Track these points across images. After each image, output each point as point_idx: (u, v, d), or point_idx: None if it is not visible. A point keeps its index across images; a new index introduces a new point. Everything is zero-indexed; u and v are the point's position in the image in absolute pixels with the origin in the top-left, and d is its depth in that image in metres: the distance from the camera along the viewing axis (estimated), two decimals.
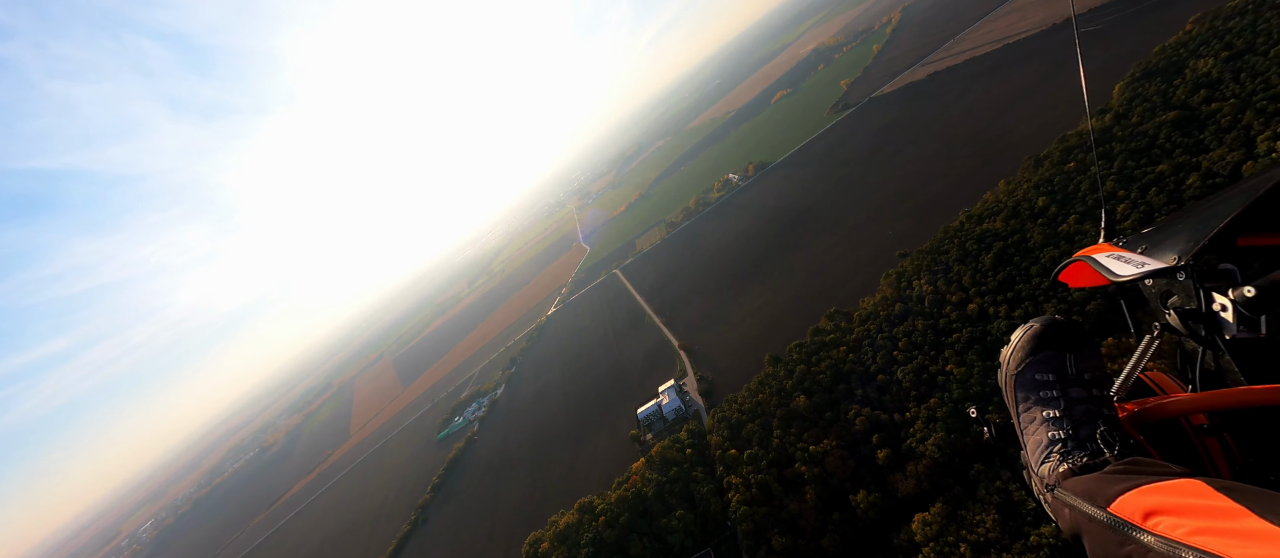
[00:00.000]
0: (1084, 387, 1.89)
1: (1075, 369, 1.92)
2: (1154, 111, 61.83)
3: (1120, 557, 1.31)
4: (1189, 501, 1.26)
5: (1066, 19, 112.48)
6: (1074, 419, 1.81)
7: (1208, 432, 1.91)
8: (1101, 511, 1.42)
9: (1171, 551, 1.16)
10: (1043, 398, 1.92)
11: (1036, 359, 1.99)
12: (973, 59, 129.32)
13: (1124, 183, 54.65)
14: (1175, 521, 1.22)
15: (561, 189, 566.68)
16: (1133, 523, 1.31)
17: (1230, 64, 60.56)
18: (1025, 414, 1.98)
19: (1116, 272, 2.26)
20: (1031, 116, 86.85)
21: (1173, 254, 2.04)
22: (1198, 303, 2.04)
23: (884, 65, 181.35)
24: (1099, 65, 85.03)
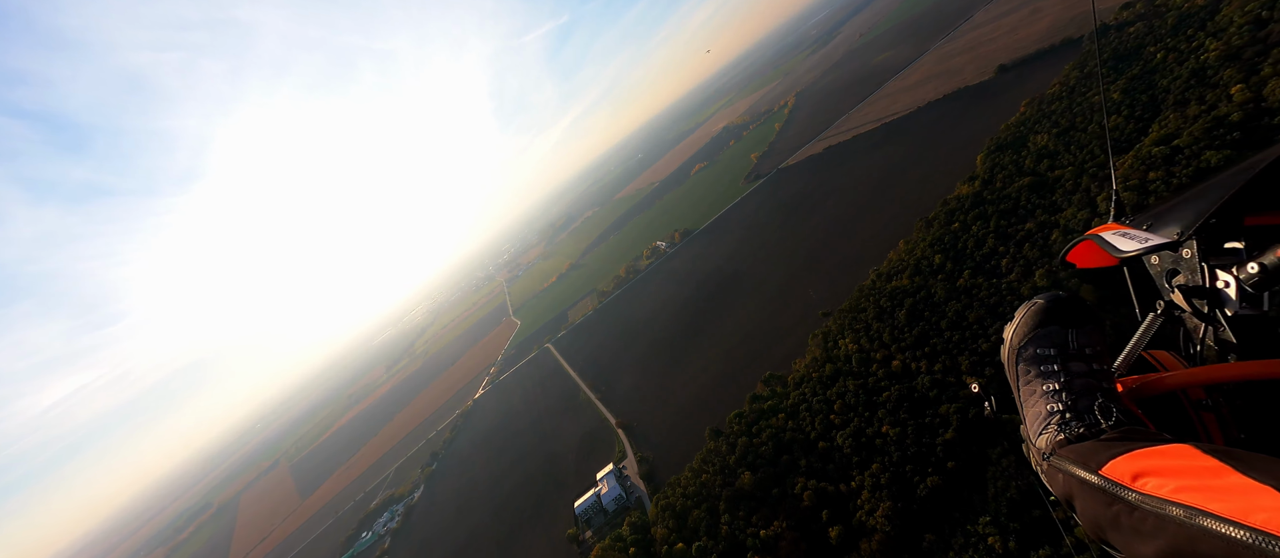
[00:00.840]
0: (1085, 361, 1.91)
1: (1077, 344, 1.93)
2: (1012, 178, 71.23)
3: (1108, 516, 1.36)
4: (1177, 462, 1.31)
5: (928, 103, 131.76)
6: (1073, 392, 1.84)
7: (1205, 406, 1.94)
8: (1093, 474, 1.47)
9: (1155, 507, 1.21)
10: (1043, 372, 1.94)
11: (1039, 334, 2.00)
12: (859, 135, 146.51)
13: (1001, 240, 60.92)
14: (1161, 480, 1.27)
15: (491, 262, 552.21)
16: (1121, 483, 1.36)
17: (1062, 138, 72.14)
18: (1026, 388, 2.00)
19: (1121, 248, 2.29)
20: (916, 183, 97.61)
21: (1176, 230, 2.07)
22: (1201, 279, 2.07)
23: (786, 141, 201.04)
24: (963, 140, 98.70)
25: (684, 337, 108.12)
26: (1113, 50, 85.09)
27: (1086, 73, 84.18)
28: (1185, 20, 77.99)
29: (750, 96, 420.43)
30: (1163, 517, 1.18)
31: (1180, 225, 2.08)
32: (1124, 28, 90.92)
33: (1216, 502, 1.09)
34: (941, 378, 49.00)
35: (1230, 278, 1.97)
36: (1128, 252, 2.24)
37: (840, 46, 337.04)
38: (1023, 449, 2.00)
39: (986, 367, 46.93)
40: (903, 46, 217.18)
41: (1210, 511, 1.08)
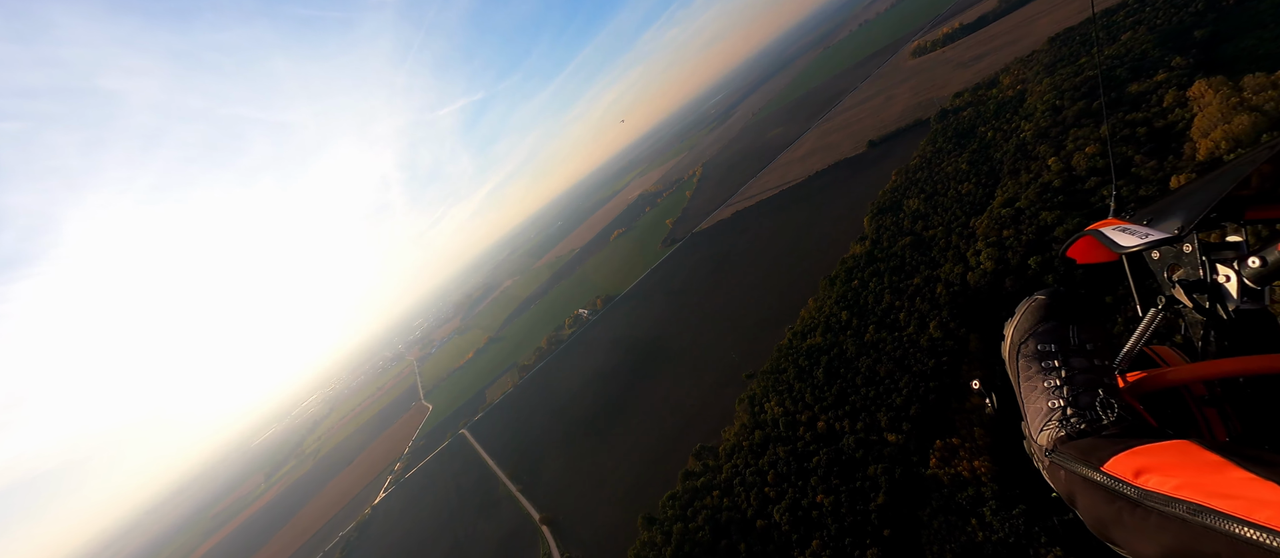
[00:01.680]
0: (1086, 357, 1.88)
1: (1078, 339, 1.92)
2: (895, 237, 78.90)
3: (1111, 514, 1.35)
4: (1178, 458, 1.30)
5: (816, 172, 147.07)
6: (1075, 388, 1.82)
7: (1207, 402, 1.93)
8: (1095, 471, 1.46)
9: (1157, 503, 1.20)
10: (1045, 368, 1.92)
11: (1040, 330, 1.98)
12: (762, 201, 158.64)
13: (896, 294, 65.70)
14: (1163, 477, 1.25)
15: (401, 339, 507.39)
16: (1123, 480, 1.35)
17: (929, 201, 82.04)
18: (1027, 384, 1.97)
19: (1121, 243, 2.28)
20: (816, 244, 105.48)
21: (1176, 225, 2.05)
22: (1202, 274, 2.07)
23: (697, 207, 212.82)
24: (850, 204, 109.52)
25: (611, 410, 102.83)
26: (953, 130, 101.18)
27: (937, 148, 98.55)
28: (1003, 106, 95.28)
29: (662, 167, 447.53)
30: (1166, 514, 1.17)
31: (1180, 220, 2.04)
32: (959, 112, 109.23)
33: (1220, 499, 1.08)
34: (865, 436, 49.31)
35: (1231, 272, 1.96)
36: (1128, 247, 2.23)
37: (737, 123, 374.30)
38: (1024, 446, 1.96)
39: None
40: (790, 124, 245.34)
41: (1214, 508, 1.07)
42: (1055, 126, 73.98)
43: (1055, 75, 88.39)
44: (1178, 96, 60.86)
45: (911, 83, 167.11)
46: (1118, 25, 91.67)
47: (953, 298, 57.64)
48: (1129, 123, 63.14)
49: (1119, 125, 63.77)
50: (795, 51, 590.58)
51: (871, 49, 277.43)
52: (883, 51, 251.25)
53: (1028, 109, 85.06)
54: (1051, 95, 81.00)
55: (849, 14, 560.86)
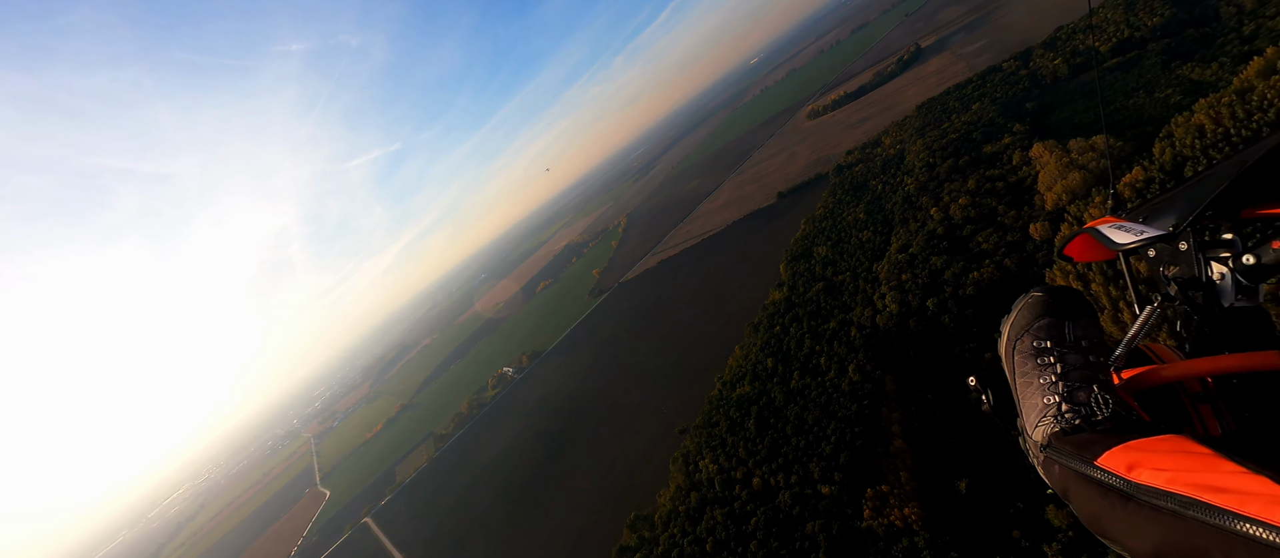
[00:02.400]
0: (1081, 353, 1.88)
1: (1073, 336, 1.91)
2: (809, 283, 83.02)
3: (1104, 508, 1.36)
4: (1170, 453, 1.32)
5: (734, 221, 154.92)
6: (1070, 384, 1.82)
7: (1202, 398, 1.94)
8: (1087, 466, 1.48)
9: (1149, 498, 1.22)
10: (1040, 365, 1.92)
11: (1035, 327, 1.98)
12: (686, 249, 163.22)
13: (815, 339, 67.92)
14: (1155, 472, 1.27)
15: (297, 413, 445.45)
16: (1116, 474, 1.37)
17: (836, 248, 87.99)
18: (1022, 381, 1.97)
19: (1117, 241, 2.31)
20: (739, 290, 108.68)
21: (1171, 223, 2.08)
22: (1198, 272, 2.09)
23: (624, 257, 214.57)
24: (767, 251, 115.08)
25: (539, 480, 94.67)
26: (849, 183, 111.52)
27: (837, 200, 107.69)
28: (887, 163, 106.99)
29: (587, 217, 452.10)
30: (1157, 508, 1.19)
31: (1175, 218, 2.07)
32: (852, 167, 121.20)
33: (1211, 492, 1.09)
34: (800, 491, 48.31)
35: (1226, 270, 1.97)
36: (1123, 245, 2.27)
37: (659, 175, 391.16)
38: (1020, 443, 1.96)
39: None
40: (708, 176, 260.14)
41: (1205, 501, 1.08)
42: (932, 181, 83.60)
43: (926, 137, 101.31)
44: (1023, 156, 71.40)
45: (810, 141, 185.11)
46: (969, 96, 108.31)
47: (866, 340, 60.41)
48: (989, 178, 72.77)
49: (982, 180, 73.29)
50: (708, 110, 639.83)
51: (774, 110, 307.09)
52: (783, 113, 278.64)
53: (908, 165, 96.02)
54: (925, 154, 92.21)
55: (753, 79, 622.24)
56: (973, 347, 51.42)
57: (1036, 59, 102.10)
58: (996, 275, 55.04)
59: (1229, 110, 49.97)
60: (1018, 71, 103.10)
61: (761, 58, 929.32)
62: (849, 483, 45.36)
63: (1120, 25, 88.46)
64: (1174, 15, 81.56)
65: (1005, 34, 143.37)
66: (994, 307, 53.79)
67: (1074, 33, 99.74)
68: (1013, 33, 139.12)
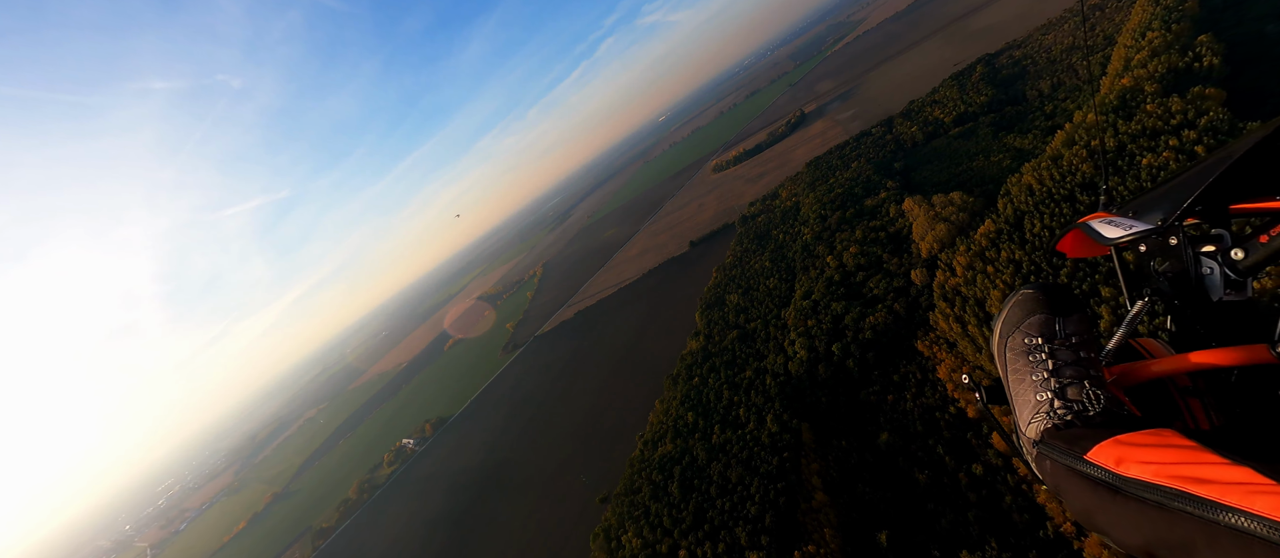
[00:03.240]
0: (1072, 349, 1.91)
1: (1064, 332, 1.95)
2: (724, 332, 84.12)
3: (1094, 502, 1.37)
4: (1156, 446, 1.34)
5: (650, 270, 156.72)
6: (1062, 380, 1.86)
7: (1191, 392, 1.98)
8: (1077, 460, 1.50)
9: (1135, 491, 1.24)
10: (1032, 361, 1.96)
11: (1027, 323, 2.02)
12: (603, 299, 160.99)
13: (733, 389, 67.65)
14: (1141, 465, 1.29)
15: (131, 517, 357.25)
16: (1104, 467, 1.38)
17: (747, 296, 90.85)
18: (1015, 377, 2.01)
19: (1107, 235, 2.34)
20: (657, 340, 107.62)
21: (1160, 217, 2.11)
22: (1187, 266, 2.10)
23: (539, 308, 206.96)
24: (683, 300, 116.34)
25: None
26: (754, 233, 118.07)
27: (744, 248, 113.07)
28: (786, 214, 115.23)
29: (502, 267, 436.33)
30: (1144, 501, 1.21)
31: (1164, 212, 2.09)
32: (755, 218, 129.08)
33: (1195, 484, 1.11)
34: None
35: (1215, 264, 1.99)
36: (1113, 239, 2.29)
37: (575, 224, 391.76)
38: (1014, 439, 2.00)
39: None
40: (623, 225, 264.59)
41: (1188, 493, 1.10)
42: (826, 230, 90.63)
43: (816, 191, 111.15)
44: (898, 210, 79.93)
45: (717, 192, 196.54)
46: (848, 156, 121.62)
47: (781, 388, 61.08)
48: (873, 229, 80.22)
49: (868, 230, 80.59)
50: (622, 162, 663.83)
51: (682, 164, 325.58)
52: (691, 166, 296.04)
53: (804, 216, 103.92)
54: (818, 207, 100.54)
55: (662, 135, 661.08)
56: (876, 390, 53.70)
57: (897, 126, 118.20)
58: (888, 319, 59.09)
59: (1048, 172, 59.75)
60: (884, 136, 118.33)
61: (668, 116, 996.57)
62: (777, 546, 43.51)
63: (957, 101, 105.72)
64: (996, 95, 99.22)
65: (871, 104, 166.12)
66: (889, 350, 57.32)
67: (923, 106, 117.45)
68: (876, 103, 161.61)
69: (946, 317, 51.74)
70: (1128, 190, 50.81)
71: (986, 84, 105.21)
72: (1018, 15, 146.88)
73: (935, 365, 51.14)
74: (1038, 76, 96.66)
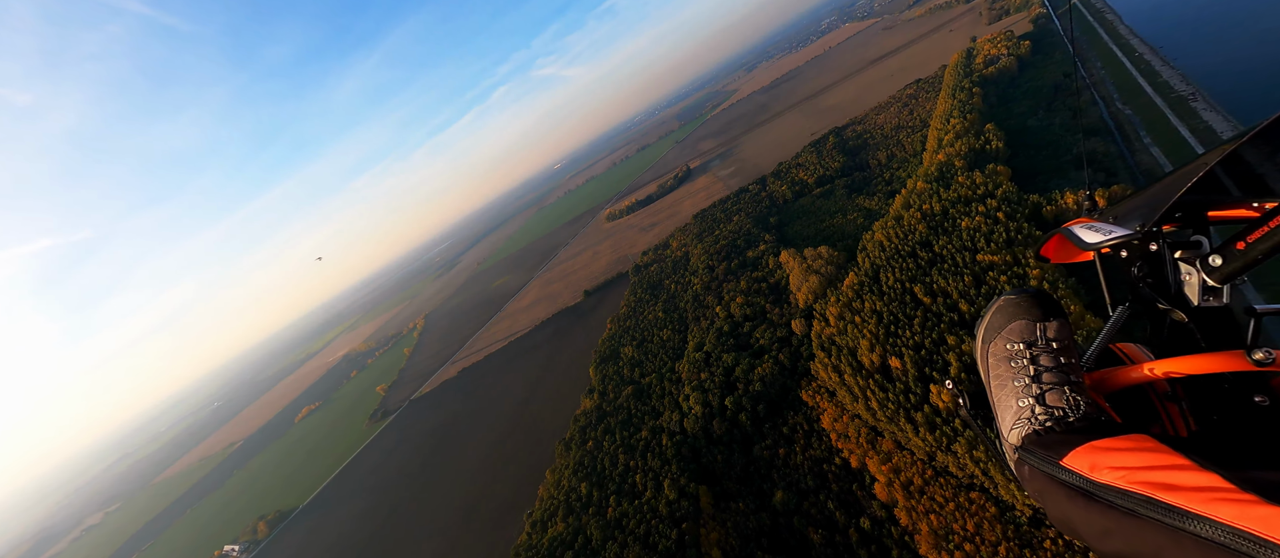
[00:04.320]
0: (1053, 355, 1.93)
1: (1044, 338, 1.96)
2: (619, 387, 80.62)
3: (1072, 509, 1.38)
4: (1131, 452, 1.36)
5: (543, 321, 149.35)
6: (1042, 386, 1.88)
7: (1170, 398, 2.01)
8: (1054, 466, 1.52)
9: (1109, 496, 1.26)
10: (1013, 368, 1.97)
11: (1008, 329, 2.03)
12: (491, 354, 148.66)
13: (629, 453, 63.62)
14: (1116, 472, 1.31)
15: None
16: (1079, 474, 1.41)
17: (641, 348, 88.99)
18: (996, 384, 2.02)
19: (1087, 240, 2.36)
20: (549, 399, 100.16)
21: (1139, 223, 2.13)
22: (1166, 273, 2.14)
23: (418, 366, 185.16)
24: (577, 353, 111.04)
25: None
26: (647, 282, 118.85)
27: (638, 298, 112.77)
28: (677, 264, 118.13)
29: (376, 319, 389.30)
30: (1116, 508, 1.22)
31: (1143, 219, 2.10)
32: (649, 267, 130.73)
33: (1162, 491, 1.12)
34: None
35: (1193, 270, 2.01)
36: (1093, 244, 2.32)
37: (463, 271, 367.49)
38: (997, 445, 2.01)
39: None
40: (515, 273, 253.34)
41: (1156, 499, 1.11)
42: (714, 281, 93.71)
43: (704, 242, 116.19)
44: (776, 262, 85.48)
45: (611, 241, 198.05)
46: (730, 210, 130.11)
47: (677, 449, 58.56)
48: (756, 279, 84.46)
49: (752, 281, 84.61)
50: (515, 208, 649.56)
51: (577, 212, 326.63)
52: (586, 214, 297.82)
53: (693, 267, 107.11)
54: (706, 257, 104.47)
55: (557, 183, 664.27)
56: (769, 444, 53.65)
57: (770, 184, 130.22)
58: (775, 370, 60.64)
59: (893, 231, 67.99)
60: (760, 193, 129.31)
61: (563, 163, 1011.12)
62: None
63: (817, 165, 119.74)
64: (846, 162, 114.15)
65: (747, 163, 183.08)
66: (777, 402, 58.37)
67: (790, 168, 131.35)
68: (751, 163, 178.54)
69: (825, 366, 54.18)
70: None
71: (838, 152, 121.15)
72: (855, 97, 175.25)
73: (819, 415, 52.73)
74: (877, 148, 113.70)
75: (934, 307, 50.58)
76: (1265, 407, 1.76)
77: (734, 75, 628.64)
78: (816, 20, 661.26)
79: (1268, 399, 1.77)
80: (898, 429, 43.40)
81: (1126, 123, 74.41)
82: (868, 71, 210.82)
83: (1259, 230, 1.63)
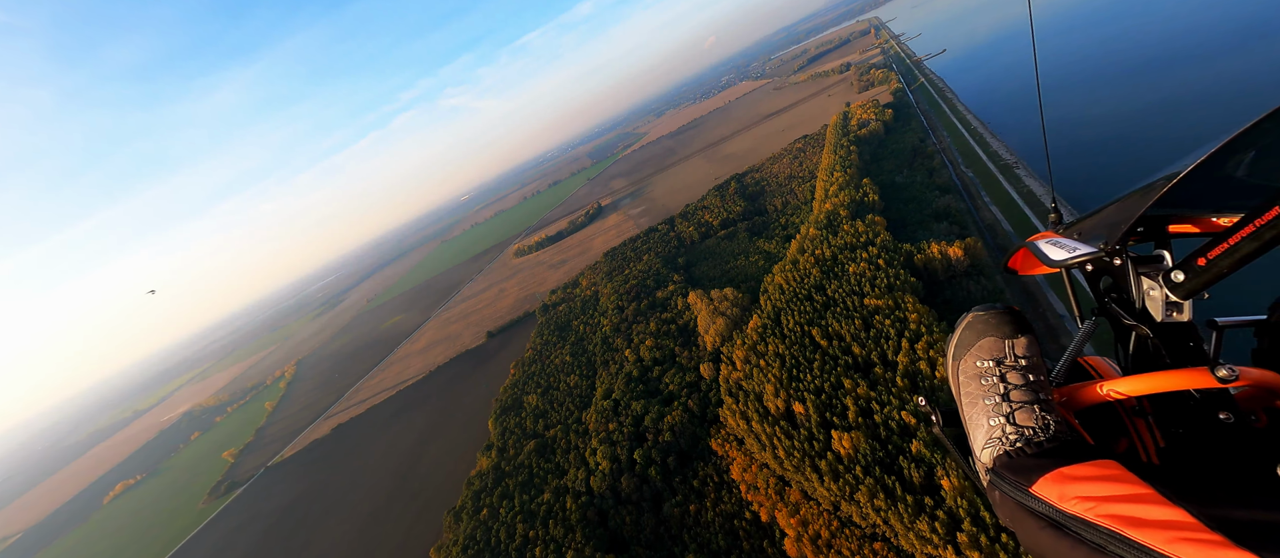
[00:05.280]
0: (1021, 373, 1.92)
1: (1013, 356, 1.95)
2: (521, 442, 73.40)
3: (1042, 539, 1.37)
4: (1097, 480, 1.35)
5: (439, 366, 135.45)
6: (1011, 405, 1.86)
7: (1137, 413, 2.02)
8: (1024, 494, 1.51)
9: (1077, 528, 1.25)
10: (984, 386, 1.96)
11: (977, 347, 2.02)
12: (375, 406, 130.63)
13: (528, 521, 56.81)
14: (1083, 501, 1.30)
15: None
16: (1048, 503, 1.39)
17: (546, 396, 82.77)
18: (968, 401, 2.00)
19: (1052, 257, 2.35)
20: (441, 458, 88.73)
21: (1102, 240, 2.14)
22: (1130, 288, 2.13)
23: (281, 424, 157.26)
24: (475, 403, 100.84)
25: None
26: (555, 323, 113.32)
27: (545, 340, 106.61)
28: (587, 304, 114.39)
29: (234, 366, 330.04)
30: (1084, 541, 1.22)
31: (1106, 235, 2.12)
32: (557, 306, 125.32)
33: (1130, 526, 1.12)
34: None
35: (1157, 285, 2.01)
36: (1057, 261, 2.32)
37: (350, 309, 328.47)
38: (970, 463, 1.98)
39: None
40: (411, 311, 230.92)
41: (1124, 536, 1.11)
42: (623, 322, 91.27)
43: (614, 281, 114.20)
44: (684, 303, 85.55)
45: (518, 278, 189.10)
46: (640, 249, 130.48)
47: (583, 513, 53.30)
48: (665, 321, 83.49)
49: (661, 322, 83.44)
50: (415, 241, 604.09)
51: (483, 246, 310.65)
52: (493, 249, 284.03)
53: (603, 307, 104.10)
54: (616, 297, 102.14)
55: (463, 215, 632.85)
56: (679, 500, 50.70)
57: (678, 224, 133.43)
58: (684, 418, 58.60)
59: (790, 275, 71.19)
60: (669, 233, 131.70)
61: (472, 195, 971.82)
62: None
63: (721, 209, 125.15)
64: (747, 206, 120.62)
65: (656, 203, 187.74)
66: (687, 453, 56.10)
67: (696, 210, 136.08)
68: (660, 203, 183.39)
69: (733, 413, 53.26)
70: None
71: (739, 197, 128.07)
72: (752, 147, 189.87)
73: (729, 465, 51.19)
74: (773, 194, 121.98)
75: (831, 350, 52.36)
76: (1230, 424, 1.78)
77: (645, 119, 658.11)
78: (717, 76, 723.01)
79: (1232, 416, 1.79)
80: (804, 479, 42.93)
81: (970, 183, 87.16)
82: (763, 125, 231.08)
83: (1220, 246, 1.64)
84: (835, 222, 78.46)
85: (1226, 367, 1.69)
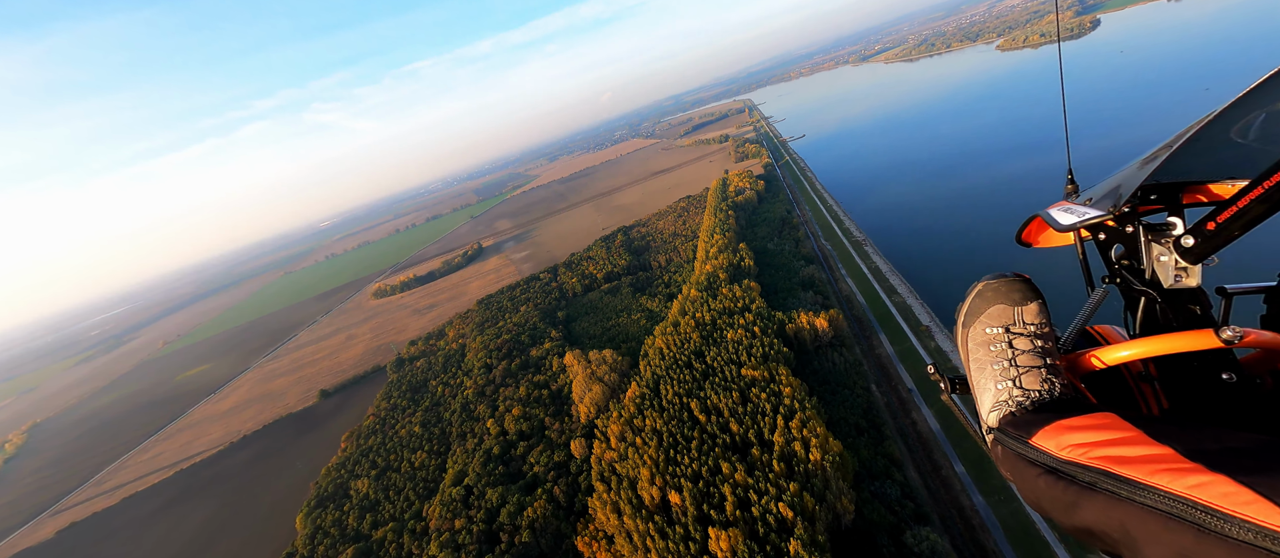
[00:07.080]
0: (1030, 339, 1.98)
1: (1022, 321, 2.01)
2: (336, 545, 57.19)
3: (1039, 487, 1.44)
4: (1093, 428, 1.42)
5: (245, 436, 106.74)
6: (1019, 369, 1.92)
7: (1144, 378, 2.06)
8: (1024, 445, 1.58)
9: (1072, 471, 1.32)
10: (992, 352, 2.02)
11: (987, 314, 2.07)
12: (136, 495, 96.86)
13: None
14: (1075, 447, 1.38)
15: None
16: (1045, 451, 1.47)
17: (380, 481, 67.11)
18: (976, 367, 2.06)
19: (1063, 222, 2.40)
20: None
21: (1113, 204, 2.17)
22: (1140, 253, 2.17)
23: None
24: (286, 490, 79.07)
25: None
26: (409, 382, 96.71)
27: (392, 404, 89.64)
28: (449, 359, 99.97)
29: None
30: (1077, 482, 1.29)
31: (1116, 200, 2.15)
32: (414, 360, 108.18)
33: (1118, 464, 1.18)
34: None
35: (1166, 251, 2.06)
36: (1067, 225, 2.36)
37: (134, 354, 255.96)
38: (978, 427, 2.04)
39: None
40: (225, 359, 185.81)
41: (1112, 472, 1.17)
42: (489, 384, 79.98)
43: (485, 333, 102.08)
44: (560, 363, 77.71)
45: (373, 322, 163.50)
46: (518, 298, 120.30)
47: None
48: (537, 385, 74.47)
49: (531, 386, 74.21)
50: (248, 271, 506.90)
51: (335, 283, 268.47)
52: (346, 287, 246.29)
53: (468, 365, 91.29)
54: (484, 354, 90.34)
55: (320, 243, 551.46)
56: None
57: (561, 274, 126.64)
58: (548, 510, 49.78)
59: (671, 338, 68.29)
60: (551, 283, 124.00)
61: (333, 222, 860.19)
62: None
63: (606, 261, 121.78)
64: (632, 261, 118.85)
65: (541, 249, 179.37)
66: (548, 555, 47.13)
67: (581, 260, 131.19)
68: (545, 249, 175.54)
69: (604, 504, 46.22)
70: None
71: (625, 250, 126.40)
72: (640, 201, 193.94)
73: None
74: (658, 250, 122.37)
75: (709, 427, 48.84)
76: (1232, 383, 1.83)
77: (537, 161, 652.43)
78: (611, 130, 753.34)
79: (1234, 376, 1.84)
80: None
81: (830, 256, 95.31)
82: (652, 181, 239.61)
83: (1229, 210, 1.65)
84: (715, 284, 78.72)
85: (1231, 328, 1.72)
